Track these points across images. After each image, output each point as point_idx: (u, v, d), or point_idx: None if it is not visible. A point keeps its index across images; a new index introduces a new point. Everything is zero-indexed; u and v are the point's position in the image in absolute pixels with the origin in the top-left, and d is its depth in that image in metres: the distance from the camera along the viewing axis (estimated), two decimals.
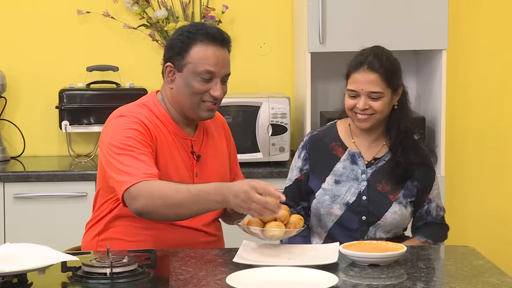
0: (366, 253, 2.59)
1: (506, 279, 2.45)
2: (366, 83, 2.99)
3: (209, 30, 2.85)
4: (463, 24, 4.60)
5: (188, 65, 2.82)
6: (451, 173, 4.55)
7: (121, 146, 2.74)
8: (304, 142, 3.15)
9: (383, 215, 3.02)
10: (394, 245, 2.67)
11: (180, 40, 2.85)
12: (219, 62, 2.83)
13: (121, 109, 2.90)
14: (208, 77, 2.82)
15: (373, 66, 2.99)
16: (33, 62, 4.55)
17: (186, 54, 2.83)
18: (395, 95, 3.05)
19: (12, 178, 4.06)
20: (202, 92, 2.83)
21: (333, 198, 3.04)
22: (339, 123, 3.16)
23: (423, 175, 3.07)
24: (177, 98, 2.87)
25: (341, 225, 3.04)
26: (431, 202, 3.10)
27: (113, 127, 2.83)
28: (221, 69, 2.84)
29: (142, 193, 2.64)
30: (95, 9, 4.52)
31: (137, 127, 2.79)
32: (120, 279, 2.39)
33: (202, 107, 2.85)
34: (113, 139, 2.78)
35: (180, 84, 2.85)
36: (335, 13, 4.11)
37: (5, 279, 2.32)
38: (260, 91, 4.51)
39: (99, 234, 2.91)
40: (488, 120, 4.67)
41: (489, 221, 4.69)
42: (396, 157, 3.04)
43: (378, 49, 3.06)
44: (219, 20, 4.50)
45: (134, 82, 4.52)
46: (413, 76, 4.57)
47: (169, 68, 2.87)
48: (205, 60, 2.81)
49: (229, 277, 2.37)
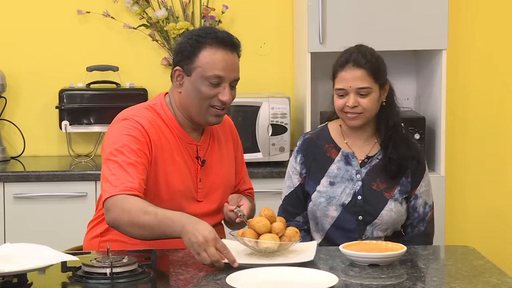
0: (366, 253, 2.59)
1: (506, 279, 2.45)
2: (353, 80, 2.99)
3: (218, 34, 2.83)
4: (463, 24, 4.60)
5: (197, 69, 2.81)
6: (451, 173, 4.55)
7: (114, 153, 2.75)
8: (298, 146, 3.15)
9: (379, 213, 3.02)
10: (394, 245, 2.67)
11: (189, 43, 2.83)
12: (228, 66, 2.82)
13: (126, 111, 2.90)
14: (217, 82, 2.81)
15: (359, 62, 3.00)
16: (33, 62, 4.55)
17: (195, 58, 2.81)
18: (383, 91, 3.06)
19: (12, 178, 4.06)
20: (210, 97, 2.82)
21: (329, 200, 3.05)
22: (330, 125, 3.17)
23: (413, 169, 3.07)
24: (185, 102, 2.86)
25: (338, 226, 3.04)
26: (417, 198, 3.08)
27: (114, 130, 2.84)
28: (230, 73, 2.83)
29: (116, 206, 2.66)
30: (95, 9, 4.51)
31: (135, 133, 2.79)
32: (120, 279, 2.39)
33: (210, 112, 2.84)
34: (110, 143, 2.80)
35: (189, 88, 2.84)
36: (335, 13, 4.11)
37: (5, 279, 2.32)
38: (260, 91, 4.51)
39: (101, 235, 2.91)
40: (488, 120, 4.66)
41: (489, 221, 4.68)
42: (388, 153, 3.04)
43: (362, 46, 3.08)
44: (219, 20, 4.50)
45: (134, 82, 4.52)
46: (413, 76, 4.57)
47: (177, 72, 2.86)
48: (214, 64, 2.80)
49: (229, 277, 2.37)
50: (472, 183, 4.68)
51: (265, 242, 2.61)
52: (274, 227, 2.65)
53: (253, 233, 2.64)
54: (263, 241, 2.61)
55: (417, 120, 4.22)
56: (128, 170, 2.71)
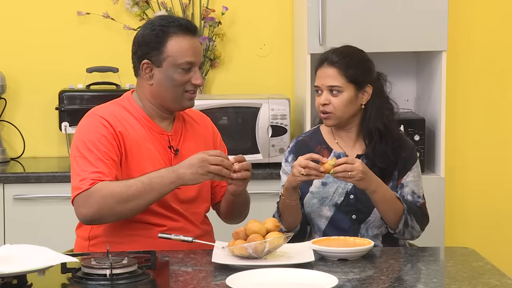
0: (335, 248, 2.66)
1: (506, 281, 2.45)
2: (325, 78, 3.04)
3: (181, 21, 2.89)
4: (463, 25, 4.60)
5: (167, 58, 2.85)
6: (451, 174, 4.55)
7: (81, 149, 2.78)
8: (290, 147, 3.17)
9: (372, 211, 3.02)
10: (361, 240, 2.75)
11: (154, 34, 2.87)
12: (196, 51, 2.89)
13: (93, 108, 2.94)
14: (188, 67, 2.86)
15: (332, 61, 3.04)
16: (33, 63, 4.55)
17: (163, 49, 2.85)
18: (361, 93, 3.05)
19: (12, 179, 4.06)
20: (184, 82, 2.87)
21: (322, 201, 3.06)
22: (322, 127, 3.19)
23: (403, 163, 3.07)
24: (159, 92, 2.89)
25: (333, 226, 3.06)
26: (403, 187, 3.06)
27: (80, 127, 2.87)
28: (198, 57, 2.90)
29: (92, 198, 2.68)
30: (95, 10, 4.51)
31: (101, 129, 2.81)
32: (119, 281, 2.39)
33: (185, 96, 2.89)
34: (77, 140, 2.83)
35: (160, 78, 2.87)
36: (335, 14, 4.11)
37: (4, 280, 2.31)
38: (260, 92, 4.51)
39: (89, 238, 2.91)
40: (487, 122, 4.66)
41: (489, 222, 4.68)
42: (370, 160, 3.04)
43: (344, 46, 3.12)
44: (219, 22, 4.50)
45: (134, 83, 4.50)
46: (413, 78, 4.57)
47: (146, 64, 2.88)
48: (184, 51, 2.85)
49: (229, 279, 2.37)
50: (472, 185, 4.68)
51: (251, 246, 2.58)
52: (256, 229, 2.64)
53: (242, 240, 2.63)
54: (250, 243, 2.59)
55: (417, 121, 4.22)
56: (96, 164, 2.74)
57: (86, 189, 2.70)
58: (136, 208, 2.73)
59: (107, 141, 2.80)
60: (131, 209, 2.72)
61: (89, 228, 2.88)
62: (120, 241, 2.83)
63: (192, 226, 2.92)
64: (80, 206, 2.71)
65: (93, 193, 2.69)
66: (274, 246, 2.61)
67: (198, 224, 2.94)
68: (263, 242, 2.59)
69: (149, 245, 2.78)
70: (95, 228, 2.87)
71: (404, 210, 2.95)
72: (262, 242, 2.58)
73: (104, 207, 2.69)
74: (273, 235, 2.61)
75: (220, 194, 3.06)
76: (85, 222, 2.77)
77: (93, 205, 2.69)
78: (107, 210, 2.69)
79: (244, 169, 2.77)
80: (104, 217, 2.72)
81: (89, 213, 2.70)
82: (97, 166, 2.73)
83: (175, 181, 2.70)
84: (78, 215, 2.75)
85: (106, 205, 2.68)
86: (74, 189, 2.74)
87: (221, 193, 3.06)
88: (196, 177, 2.69)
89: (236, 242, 2.62)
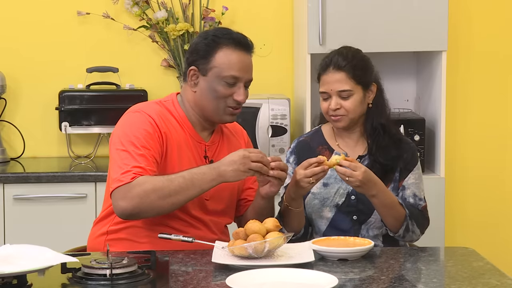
0: (335, 248, 2.66)
1: (506, 281, 2.45)
2: (334, 83, 3.02)
3: (234, 35, 2.89)
4: (463, 25, 4.60)
5: (213, 69, 2.85)
6: (451, 174, 4.55)
7: (125, 144, 2.76)
8: (291, 148, 3.17)
9: (373, 211, 3.02)
10: (361, 240, 2.74)
11: (205, 43, 2.86)
12: (244, 67, 2.87)
13: (138, 105, 2.93)
14: (233, 82, 2.85)
15: (339, 65, 3.02)
16: (33, 63, 4.55)
17: (211, 58, 2.85)
18: (368, 92, 3.06)
19: (12, 179, 4.06)
20: (225, 96, 2.86)
21: (323, 202, 3.06)
22: (324, 127, 3.18)
23: (404, 165, 3.07)
24: (200, 101, 2.88)
25: (334, 227, 3.05)
26: (405, 189, 3.06)
27: (125, 122, 2.85)
28: (245, 74, 2.88)
29: (133, 192, 2.66)
30: (95, 11, 4.52)
31: (147, 127, 2.80)
32: (119, 281, 2.38)
33: (226, 111, 2.88)
34: (120, 134, 2.81)
35: (204, 87, 2.87)
36: (335, 14, 4.11)
37: (4, 280, 2.31)
38: (260, 92, 4.50)
39: (108, 233, 2.90)
40: (487, 122, 4.67)
41: (489, 222, 4.68)
42: (373, 156, 3.04)
43: (345, 48, 3.10)
44: (219, 22, 4.50)
45: (134, 83, 4.52)
46: (413, 78, 4.57)
47: (192, 71, 2.88)
48: (231, 65, 2.84)
49: (229, 279, 2.37)
50: (472, 185, 4.68)
51: (251, 246, 2.59)
52: None
53: (242, 240, 2.63)
54: (249, 243, 2.59)
55: (417, 121, 4.22)
56: (139, 159, 2.73)
57: (127, 182, 2.67)
58: (176, 203, 2.72)
59: (152, 140, 2.79)
60: (172, 203, 2.71)
61: (109, 222, 2.88)
62: (139, 241, 2.83)
63: (213, 235, 2.92)
64: (120, 199, 2.68)
65: (134, 187, 2.67)
66: (274, 246, 2.61)
67: (218, 234, 2.95)
68: (263, 242, 2.59)
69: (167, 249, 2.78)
70: (115, 223, 2.86)
71: (406, 216, 2.95)
72: (262, 242, 2.59)
73: (145, 201, 2.67)
74: (273, 235, 2.61)
75: (244, 208, 3.08)
76: (124, 215, 2.72)
77: (134, 199, 2.67)
78: (148, 204, 2.67)
79: (281, 169, 2.79)
80: (144, 211, 2.70)
81: (129, 206, 2.68)
82: (139, 161, 2.72)
83: (216, 178, 2.71)
84: (117, 208, 2.71)
85: (147, 199, 2.67)
86: (114, 181, 2.70)
87: (245, 207, 3.07)
88: (238, 174, 2.70)
89: (236, 242, 2.62)
